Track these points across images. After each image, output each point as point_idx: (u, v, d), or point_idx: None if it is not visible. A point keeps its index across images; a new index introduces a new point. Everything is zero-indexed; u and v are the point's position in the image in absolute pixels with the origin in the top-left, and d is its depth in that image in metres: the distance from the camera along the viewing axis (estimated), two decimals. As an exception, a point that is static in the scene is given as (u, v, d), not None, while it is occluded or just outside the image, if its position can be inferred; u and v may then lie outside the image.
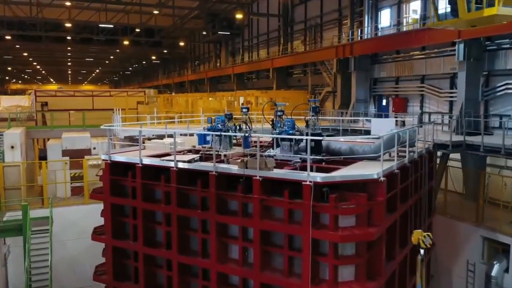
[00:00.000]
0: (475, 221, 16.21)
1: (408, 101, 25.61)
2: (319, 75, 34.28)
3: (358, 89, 27.71)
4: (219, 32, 51.32)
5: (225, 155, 12.71)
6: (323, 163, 11.43)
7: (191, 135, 18.56)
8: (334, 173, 10.14)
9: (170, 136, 16.91)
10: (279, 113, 13.15)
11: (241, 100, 39.68)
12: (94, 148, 21.36)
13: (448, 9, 14.39)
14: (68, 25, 46.91)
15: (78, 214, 18.39)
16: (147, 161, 12.01)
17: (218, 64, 61.17)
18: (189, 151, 14.42)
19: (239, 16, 40.41)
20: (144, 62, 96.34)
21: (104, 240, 13.10)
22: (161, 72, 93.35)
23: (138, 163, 11.99)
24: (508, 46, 18.88)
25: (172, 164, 11.42)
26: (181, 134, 17.80)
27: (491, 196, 16.87)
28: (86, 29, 53.05)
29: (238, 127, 14.42)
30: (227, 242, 10.92)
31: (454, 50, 21.62)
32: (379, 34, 27.20)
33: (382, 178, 9.78)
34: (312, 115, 13.11)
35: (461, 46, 19.14)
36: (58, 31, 51.33)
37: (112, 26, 49.21)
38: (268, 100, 32.69)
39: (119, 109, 25.09)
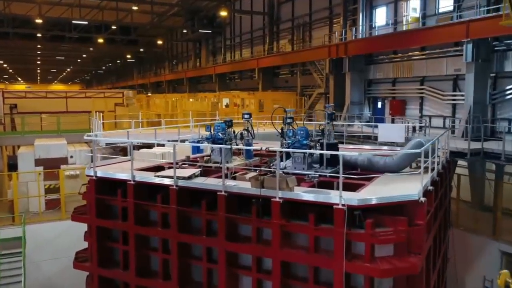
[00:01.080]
0: (492, 234, 15.20)
1: (406, 103, 24.60)
2: (309, 75, 33.05)
3: (352, 90, 26.59)
4: (200, 31, 49.46)
5: (227, 168, 11.26)
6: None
7: (182, 141, 16.96)
8: (365, 193, 8.77)
9: (161, 145, 15.29)
10: (288, 120, 11.76)
11: (225, 101, 38.09)
12: (71, 157, 19.41)
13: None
14: (38, 21, 44.15)
15: (54, 231, 16.52)
16: (140, 177, 10.36)
17: (198, 63, 59.31)
18: (184, 162, 12.86)
19: (223, 13, 38.82)
20: (118, 61, 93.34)
21: (88, 268, 11.39)
22: (136, 71, 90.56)
23: (130, 180, 10.33)
24: (518, 46, 18.02)
25: (170, 181, 9.81)
26: (168, 140, 16.15)
27: (504, 206, 15.90)
28: (57, 26, 50.25)
29: (240, 135, 12.96)
30: (238, 274, 9.40)
31: (458, 50, 20.77)
32: (375, 33, 26.14)
33: (422, 199, 8.46)
34: (328, 123, 11.69)
35: (470, 46, 18.18)
36: (27, 28, 48.38)
37: (86, 22, 46.67)
38: (257, 101, 31.32)
39: (97, 112, 23.18)
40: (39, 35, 53.20)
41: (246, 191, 8.98)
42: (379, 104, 26.97)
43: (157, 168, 12.14)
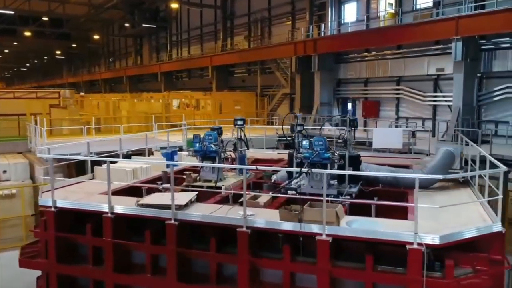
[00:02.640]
0: None
1: (380, 104, 23.55)
2: (270, 75, 31.26)
3: (321, 91, 25.13)
4: (143, 25, 45.87)
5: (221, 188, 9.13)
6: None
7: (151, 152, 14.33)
8: (434, 225, 6.92)
9: (127, 157, 12.64)
10: (299, 128, 9.81)
11: (175, 102, 35.17)
12: (5, 172, 15.91)
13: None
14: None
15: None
16: (123, 208, 7.79)
17: (139, 61, 55.44)
18: (159, 179, 10.47)
19: (174, 5, 35.78)
20: (46, 58, 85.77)
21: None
22: (67, 69, 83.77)
23: (107, 212, 7.73)
24: (508, 45, 17.36)
25: (167, 214, 7.40)
26: (128, 153, 13.50)
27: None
28: (-26, 16, 44.23)
29: (233, 145, 10.73)
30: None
31: (439, 49, 19.96)
32: (347, 29, 24.83)
33: (502, 229, 6.79)
34: (349, 131, 9.80)
35: (459, 44, 17.29)
36: None
37: (12, 12, 41.37)
38: (217, 103, 29.01)
39: (34, 116, 19.63)
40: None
41: (279, 227, 6.81)
42: (349, 105, 25.77)
43: (131, 191, 9.60)
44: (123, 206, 7.88)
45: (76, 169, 14.34)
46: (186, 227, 7.48)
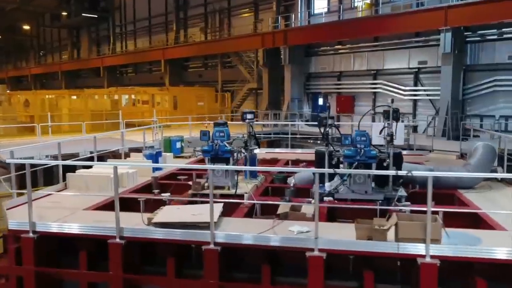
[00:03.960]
0: None
1: (355, 99, 22.70)
2: (232, 69, 29.49)
3: (292, 85, 23.84)
4: (83, 15, 42.05)
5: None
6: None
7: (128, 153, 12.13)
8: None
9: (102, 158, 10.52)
10: (330, 121, 8.42)
11: (124, 99, 32.29)
12: None
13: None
14: None
15: None
16: (132, 231, 5.83)
17: (76, 54, 51.13)
18: (148, 187, 8.61)
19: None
20: (-38, 51, 77.15)
21: None
22: (-12, 63, 75.97)
23: (114, 237, 5.74)
24: (495, 37, 17.05)
25: (202, 235, 5.59)
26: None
27: None
28: None
29: (244, 144, 9.01)
30: None
31: (420, 41, 19.40)
32: (321, 20, 23.66)
33: None
34: (388, 125, 8.46)
35: (448, 35, 16.68)
36: None
37: None
38: (172, 99, 26.80)
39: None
40: None
41: (366, 248, 5.23)
42: (320, 101, 24.73)
43: (121, 204, 7.58)
44: (135, 227, 5.90)
45: (34, 177, 11.79)
46: (228, 253, 5.67)
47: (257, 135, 9.61)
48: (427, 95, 19.64)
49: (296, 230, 5.87)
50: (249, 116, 9.21)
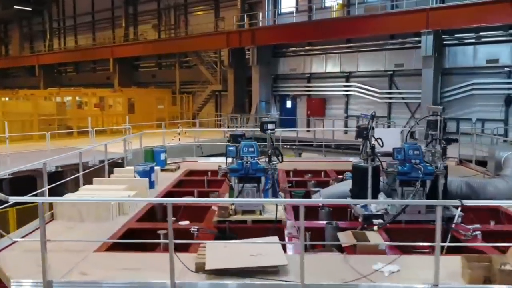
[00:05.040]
0: None
1: (326, 102, 22.20)
2: (191, 69, 27.93)
3: (260, 88, 22.89)
4: (15, 7, 38.15)
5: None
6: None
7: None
8: None
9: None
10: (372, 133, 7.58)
11: (67, 100, 29.51)
12: None
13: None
14: None
15: None
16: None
17: (3, 51, 46.58)
18: (151, 213, 7.32)
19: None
20: None
21: None
22: None
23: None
24: (473, 41, 17.21)
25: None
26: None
27: None
28: None
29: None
30: None
31: (396, 43, 19.27)
32: (288, 20, 22.86)
33: None
34: (433, 134, 7.73)
35: (430, 38, 16.58)
36: None
37: None
38: (126, 101, 24.81)
39: None
40: None
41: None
42: (289, 103, 24.00)
43: (137, 236, 6.21)
44: (185, 280, 4.58)
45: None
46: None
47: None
48: (402, 98, 19.54)
49: (387, 270, 4.87)
50: (270, 126, 8.06)
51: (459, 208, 6.91)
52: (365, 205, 7.34)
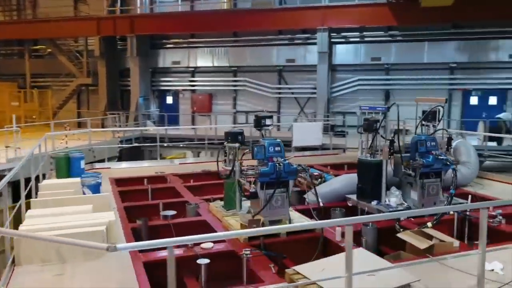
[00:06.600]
0: None
1: (213, 97, 21.37)
2: (43, 59, 23.71)
3: (139, 82, 20.81)
4: None
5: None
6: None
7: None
8: None
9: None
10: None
11: None
12: None
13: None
14: None
15: None
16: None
17: None
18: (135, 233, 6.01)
19: None
20: None
21: None
22: None
23: None
24: (358, 40, 18.56)
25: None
26: None
27: None
28: None
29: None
30: None
31: (286, 39, 19.61)
32: (170, 9, 21.14)
33: None
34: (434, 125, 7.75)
35: (325, 35, 17.31)
36: None
37: None
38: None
39: None
40: None
41: None
42: (170, 99, 22.38)
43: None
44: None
45: None
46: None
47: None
48: (292, 93, 20.01)
49: (498, 268, 4.60)
50: (268, 121, 7.05)
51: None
52: (378, 200, 7.01)
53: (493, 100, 17.80)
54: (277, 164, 5.82)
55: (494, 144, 14.26)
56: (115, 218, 5.76)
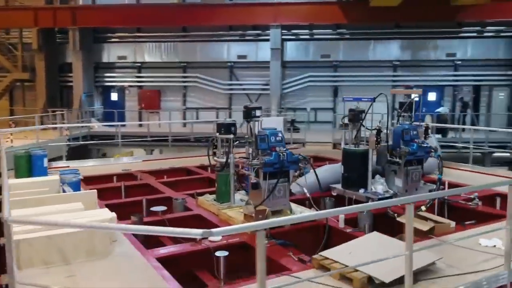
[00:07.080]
0: None
1: (161, 94, 20.80)
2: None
3: (83, 78, 19.74)
4: None
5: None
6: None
7: None
8: None
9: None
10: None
11: None
12: None
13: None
14: None
15: None
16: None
17: None
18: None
19: None
20: None
21: None
22: None
23: None
24: (308, 37, 19.00)
25: None
26: None
27: None
28: None
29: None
30: None
31: (237, 35, 19.63)
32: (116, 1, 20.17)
33: None
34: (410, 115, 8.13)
35: (278, 31, 17.54)
36: None
37: None
38: None
39: None
40: None
41: None
42: (114, 95, 21.43)
43: None
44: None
45: None
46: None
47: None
48: (243, 89, 20.03)
49: (499, 244, 4.97)
50: (258, 113, 7.02)
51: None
52: (364, 188, 7.23)
53: (432, 96, 19.12)
54: (280, 154, 5.82)
55: (439, 136, 15.33)
56: (115, 215, 5.44)
